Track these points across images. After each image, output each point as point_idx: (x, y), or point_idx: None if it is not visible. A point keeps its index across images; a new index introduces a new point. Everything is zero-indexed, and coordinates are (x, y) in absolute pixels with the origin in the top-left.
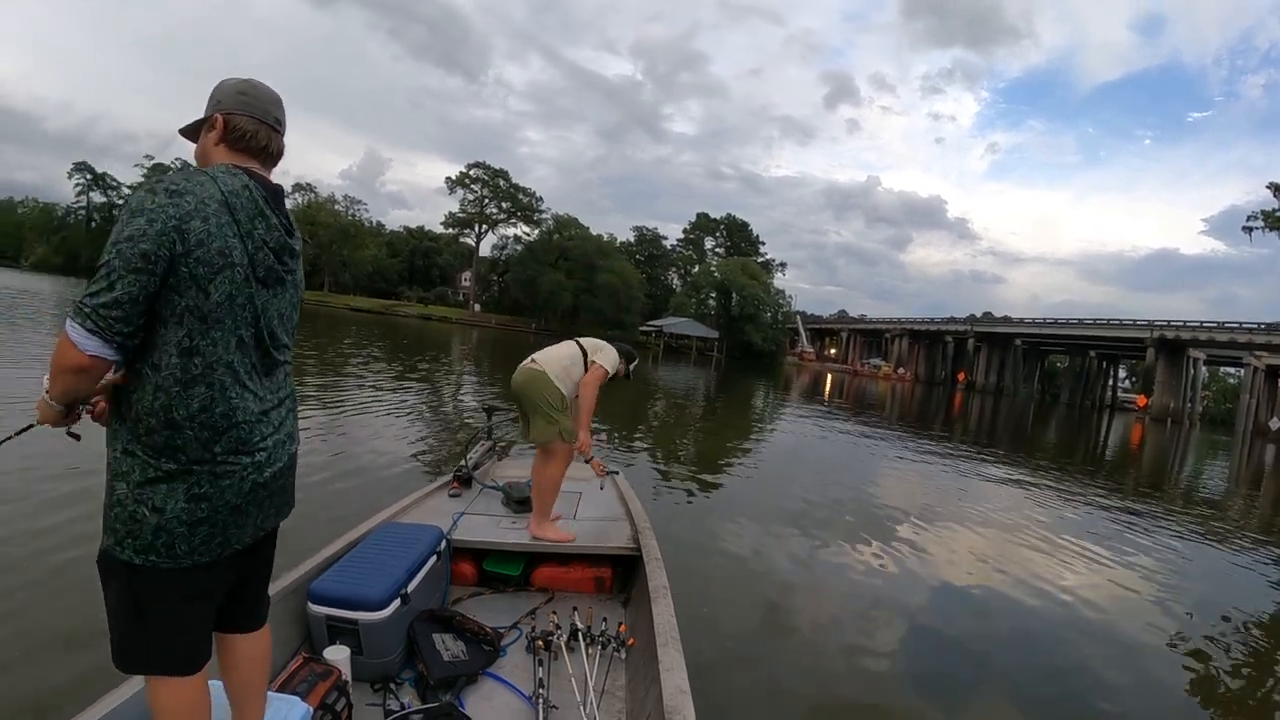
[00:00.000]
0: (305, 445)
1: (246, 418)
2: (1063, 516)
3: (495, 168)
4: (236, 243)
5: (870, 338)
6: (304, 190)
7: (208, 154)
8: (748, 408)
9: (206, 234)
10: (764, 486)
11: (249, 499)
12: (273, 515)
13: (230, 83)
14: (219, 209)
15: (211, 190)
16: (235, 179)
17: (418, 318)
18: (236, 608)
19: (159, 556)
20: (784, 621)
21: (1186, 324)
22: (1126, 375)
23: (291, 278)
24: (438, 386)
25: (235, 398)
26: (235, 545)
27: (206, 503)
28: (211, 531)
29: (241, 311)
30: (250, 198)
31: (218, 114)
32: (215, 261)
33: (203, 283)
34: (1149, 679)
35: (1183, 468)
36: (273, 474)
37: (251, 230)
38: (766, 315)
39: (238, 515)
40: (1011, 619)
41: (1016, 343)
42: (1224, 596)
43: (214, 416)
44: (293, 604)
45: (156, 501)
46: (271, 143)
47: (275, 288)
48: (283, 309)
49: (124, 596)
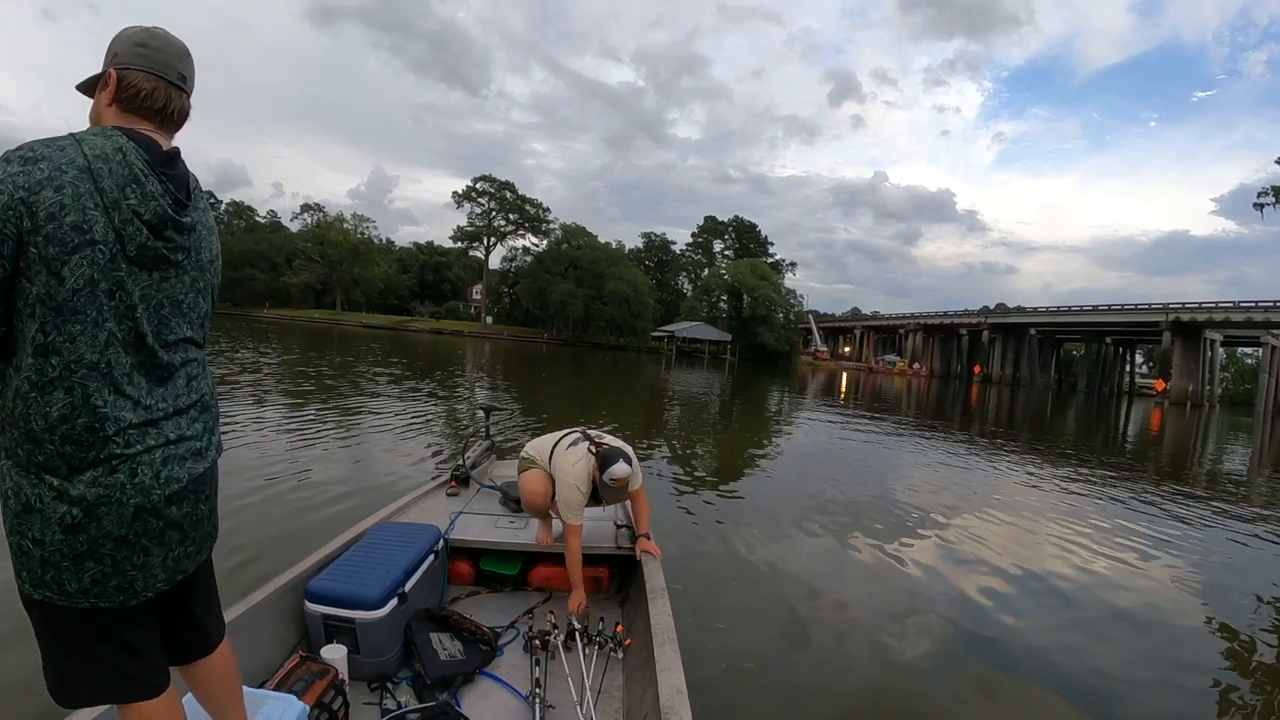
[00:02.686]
0: (305, 446)
1: (120, 430)
2: (1086, 506)
3: (501, 180)
4: (99, 215)
5: (884, 334)
6: (313, 210)
7: (99, 115)
8: (762, 410)
9: (59, 206)
10: (778, 488)
11: (137, 529)
12: (190, 553)
13: (129, 32)
14: (78, 176)
15: (73, 154)
16: (108, 141)
17: (430, 332)
18: (176, 639)
19: (52, 593)
20: (789, 625)
21: (1202, 305)
22: (1144, 360)
23: (186, 257)
24: (438, 392)
25: (104, 406)
26: (143, 592)
27: (84, 534)
28: (101, 570)
29: (109, 300)
30: (124, 161)
31: (111, 69)
32: (69, 239)
33: (55, 265)
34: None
35: (1204, 451)
36: (165, 497)
37: (119, 201)
38: (778, 316)
39: (129, 550)
40: (1040, 616)
41: (1031, 332)
42: (1253, 582)
43: (75, 429)
44: (290, 603)
45: (34, 533)
46: (171, 102)
47: (160, 270)
48: (176, 295)
49: (40, 631)
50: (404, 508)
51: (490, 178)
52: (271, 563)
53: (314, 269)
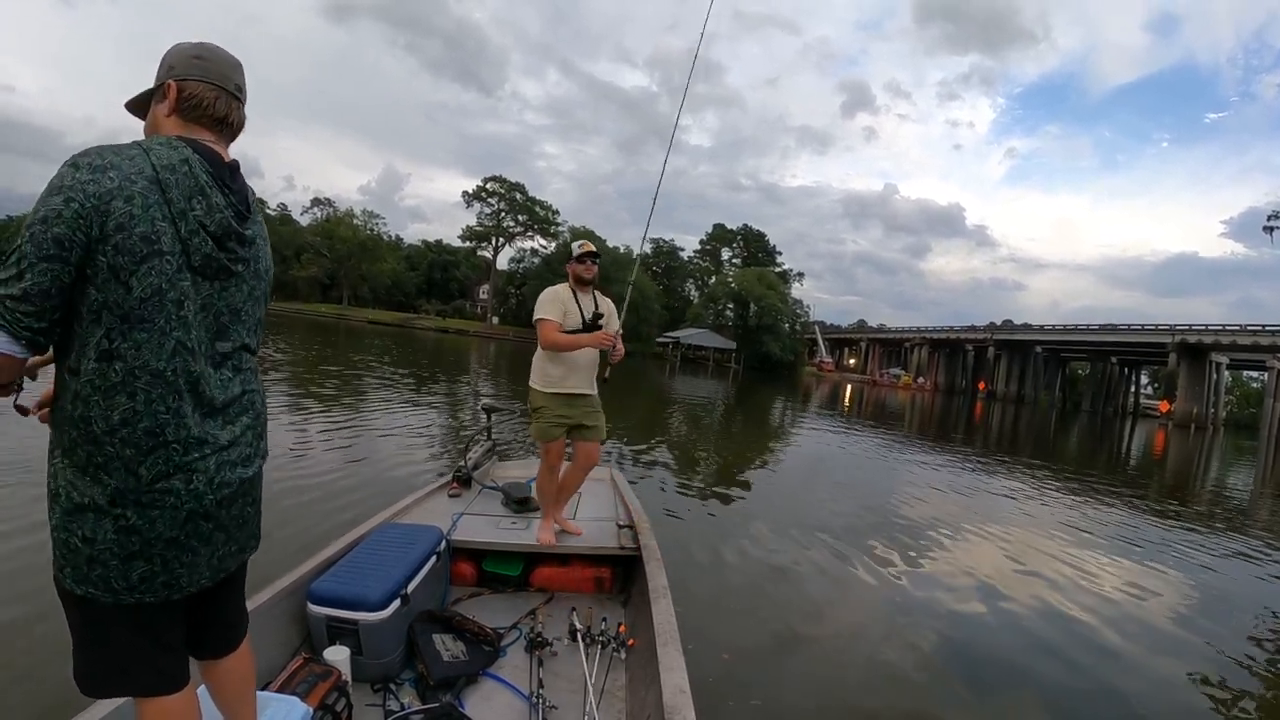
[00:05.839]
0: (306, 446)
1: (179, 435)
2: (1086, 526)
3: (512, 181)
4: (166, 226)
5: (890, 347)
6: (323, 205)
7: (158, 125)
8: (765, 420)
9: (129, 217)
10: (780, 498)
11: (188, 531)
12: (234, 552)
13: (184, 46)
14: (148, 187)
15: (141, 165)
16: (174, 152)
17: (435, 330)
18: (205, 634)
19: (97, 590)
20: (790, 627)
21: (1208, 327)
22: (1149, 381)
23: (247, 267)
24: (441, 391)
25: (164, 411)
26: (188, 587)
27: (137, 535)
28: (151, 569)
29: (176, 310)
30: (190, 174)
31: (170, 80)
32: (138, 250)
33: (123, 275)
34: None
35: (1207, 474)
36: (216, 501)
37: (186, 212)
38: (784, 325)
39: (179, 550)
40: (1034, 635)
41: (1037, 350)
42: (1253, 603)
43: (137, 433)
44: (292, 605)
45: (85, 531)
46: (232, 112)
47: (222, 280)
48: (236, 304)
49: (76, 623)
50: (406, 509)
51: (501, 178)
52: (273, 565)
53: (322, 263)
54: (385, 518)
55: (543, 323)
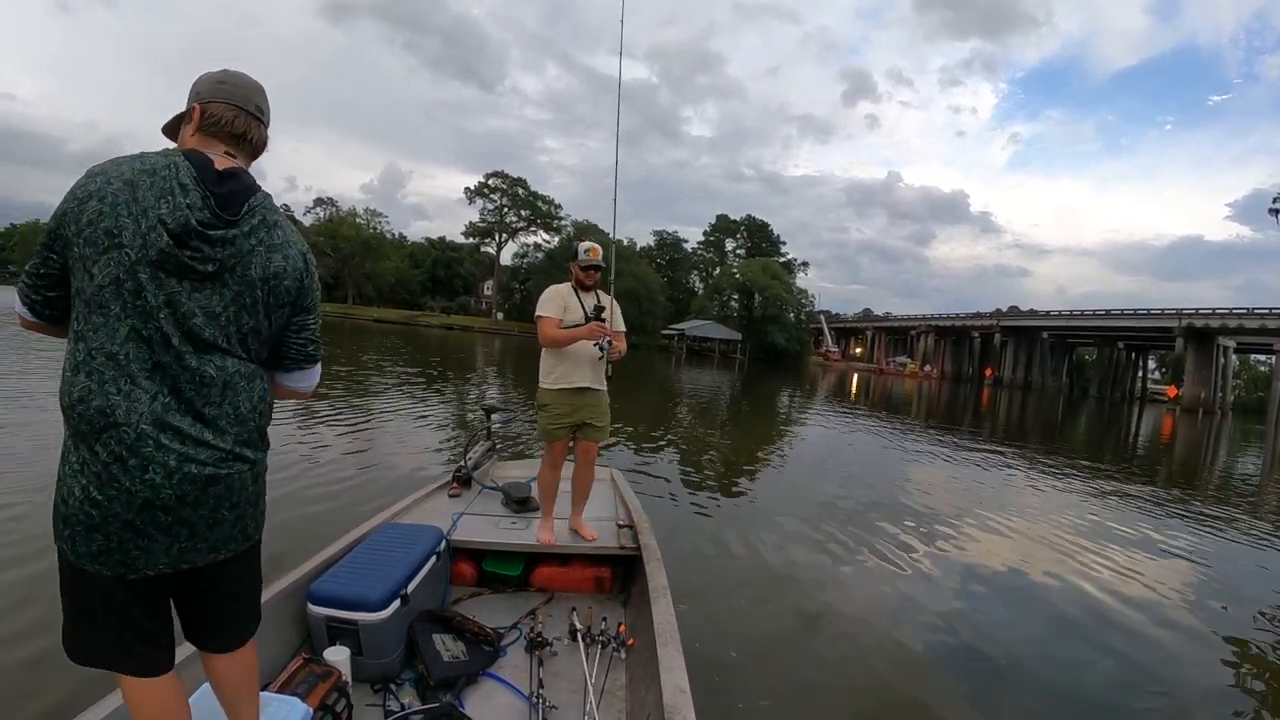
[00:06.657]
0: (306, 448)
1: (130, 420)
2: (1094, 512)
3: (514, 176)
4: (129, 222)
5: (896, 336)
6: (326, 205)
7: (183, 144)
8: (771, 411)
9: (99, 214)
10: (785, 489)
11: (144, 519)
12: (203, 550)
13: (209, 74)
14: (121, 188)
15: (125, 169)
16: (164, 158)
17: (440, 327)
18: (202, 629)
19: (66, 548)
20: (792, 626)
21: (1215, 311)
22: (1156, 366)
23: (222, 269)
24: (442, 391)
25: (115, 393)
26: (144, 569)
27: (98, 510)
28: (107, 544)
29: (132, 299)
30: (169, 176)
31: (196, 104)
32: (101, 242)
33: (89, 264)
34: (1191, 681)
35: (1215, 459)
36: (176, 496)
37: (149, 209)
38: (789, 315)
39: (134, 534)
40: (1045, 624)
41: (1043, 336)
42: (1261, 590)
43: (90, 410)
44: (292, 605)
45: (64, 492)
46: (251, 130)
47: (191, 279)
48: (212, 307)
49: (60, 581)
50: (406, 509)
51: (503, 174)
52: (273, 565)
53: (326, 263)
54: (385, 518)
55: (542, 319)
